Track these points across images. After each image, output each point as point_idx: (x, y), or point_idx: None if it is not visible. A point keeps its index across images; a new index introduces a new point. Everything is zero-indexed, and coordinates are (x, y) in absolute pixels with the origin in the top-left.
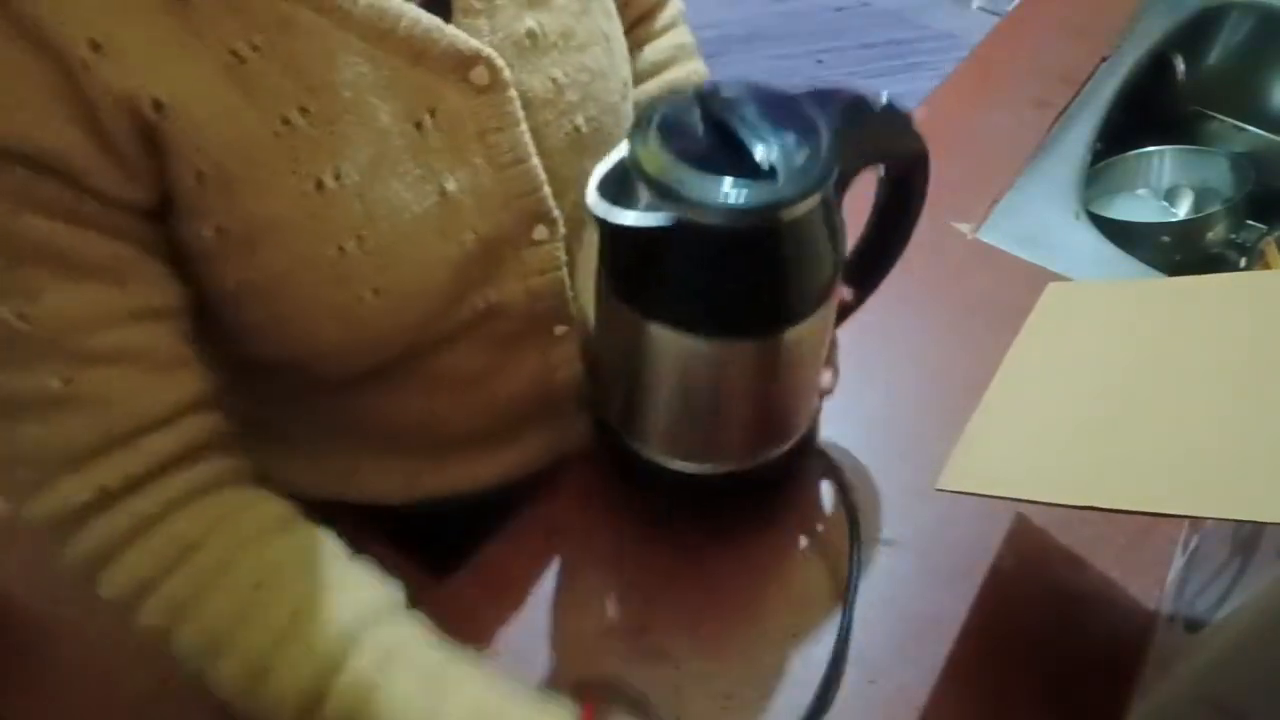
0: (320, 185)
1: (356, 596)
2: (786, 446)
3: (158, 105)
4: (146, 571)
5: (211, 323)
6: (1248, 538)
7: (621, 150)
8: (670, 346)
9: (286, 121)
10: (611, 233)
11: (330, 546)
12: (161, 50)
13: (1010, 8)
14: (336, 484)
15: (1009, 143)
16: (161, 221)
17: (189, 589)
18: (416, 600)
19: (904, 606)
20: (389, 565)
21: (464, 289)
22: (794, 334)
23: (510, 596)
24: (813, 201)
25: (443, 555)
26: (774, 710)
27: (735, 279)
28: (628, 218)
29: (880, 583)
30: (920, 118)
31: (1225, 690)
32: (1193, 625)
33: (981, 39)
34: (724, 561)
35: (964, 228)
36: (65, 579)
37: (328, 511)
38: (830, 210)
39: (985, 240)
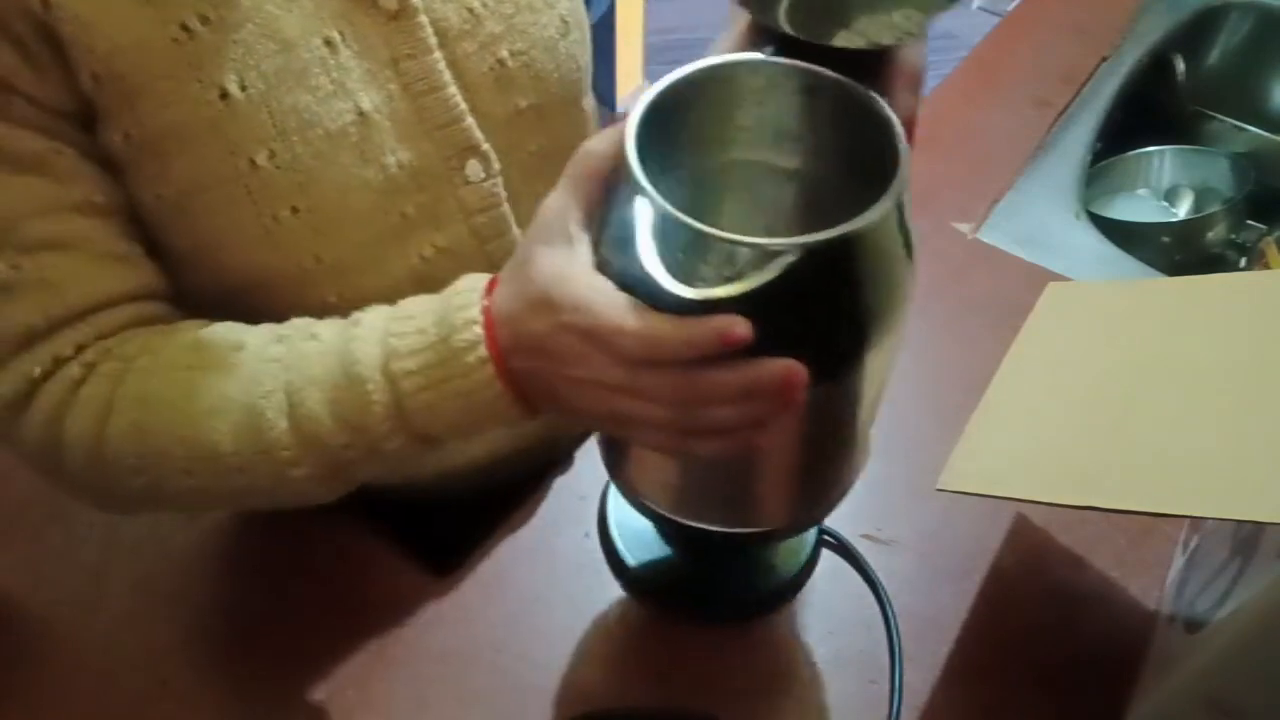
0: (225, 94)
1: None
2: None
3: (45, 2)
4: (105, 390)
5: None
6: (1248, 538)
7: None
8: None
9: (186, 28)
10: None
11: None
12: None
13: (1010, 8)
14: None
15: (1009, 143)
16: (91, 130)
17: (146, 379)
18: (416, 600)
19: (904, 606)
20: (389, 564)
21: (400, 226)
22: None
23: (510, 596)
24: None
25: (443, 555)
26: (772, 710)
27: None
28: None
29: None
30: (920, 118)
31: (1225, 690)
32: (1193, 625)
33: (981, 39)
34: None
35: (964, 228)
36: (64, 579)
37: (327, 511)
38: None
39: (985, 240)
